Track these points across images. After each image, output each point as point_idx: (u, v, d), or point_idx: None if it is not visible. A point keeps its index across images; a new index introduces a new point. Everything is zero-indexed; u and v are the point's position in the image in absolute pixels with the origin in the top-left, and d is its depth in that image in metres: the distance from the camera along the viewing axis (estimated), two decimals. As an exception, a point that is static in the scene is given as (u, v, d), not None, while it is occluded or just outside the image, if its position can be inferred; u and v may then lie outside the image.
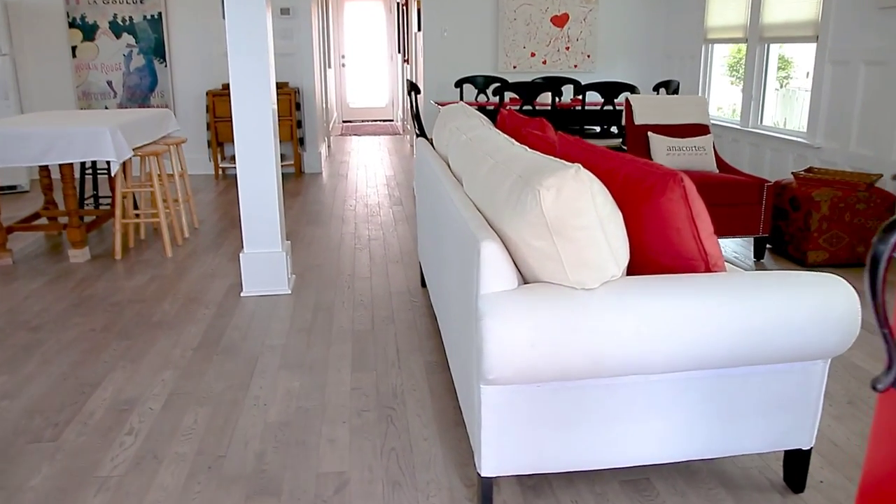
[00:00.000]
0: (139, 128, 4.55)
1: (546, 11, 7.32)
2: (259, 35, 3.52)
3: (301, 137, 7.27)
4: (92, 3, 6.92)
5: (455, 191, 2.32)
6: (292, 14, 7.12)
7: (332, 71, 11.31)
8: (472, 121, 2.91)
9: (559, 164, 1.68)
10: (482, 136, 2.49)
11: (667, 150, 4.49)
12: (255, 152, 3.63)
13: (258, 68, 3.56)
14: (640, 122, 4.64)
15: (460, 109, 3.37)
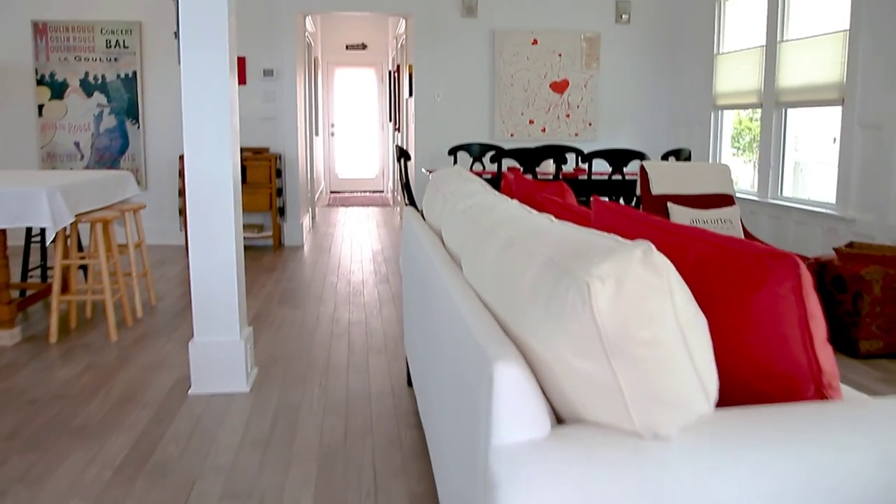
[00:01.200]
0: (87, 191, 3.99)
1: (545, 77, 6.93)
2: (217, 89, 3.00)
3: (281, 207, 6.73)
4: (63, 60, 6.47)
5: (451, 276, 1.72)
6: (276, 76, 6.70)
7: (320, 139, 10.91)
8: (471, 185, 2.35)
9: (613, 240, 1.09)
10: (486, 202, 1.92)
11: (690, 224, 3.95)
12: (210, 221, 3.05)
13: (216, 127, 3.02)
14: (658, 192, 4.12)
15: (455, 173, 2.82)
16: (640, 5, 6.95)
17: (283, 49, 6.66)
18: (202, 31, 2.95)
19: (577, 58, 6.93)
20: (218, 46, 2.98)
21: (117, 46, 6.50)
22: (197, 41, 2.96)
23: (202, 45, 2.96)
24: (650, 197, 4.12)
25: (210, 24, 2.96)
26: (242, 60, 6.64)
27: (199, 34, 2.96)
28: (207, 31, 2.96)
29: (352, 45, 11.63)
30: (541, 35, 6.85)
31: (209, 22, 2.96)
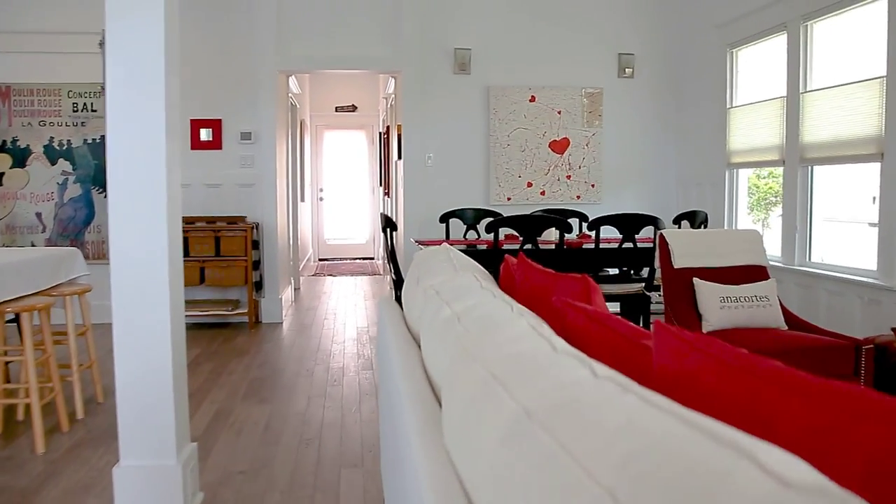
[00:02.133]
0: (17, 273, 3.41)
1: (544, 136, 6.46)
2: (149, 152, 2.46)
3: (257, 281, 6.15)
4: (27, 125, 5.99)
5: (425, 442, 1.12)
6: (255, 139, 6.22)
7: (307, 205, 10.43)
8: (463, 277, 1.78)
9: (754, 470, 0.50)
10: (481, 312, 1.35)
11: (720, 303, 3.37)
12: (139, 316, 2.47)
13: (148, 199, 2.48)
14: (682, 265, 3.55)
15: (443, 255, 2.26)
16: (644, 58, 6.54)
17: (262, 111, 6.20)
18: (131, 86, 2.44)
19: (579, 115, 6.47)
20: (150, 105, 2.46)
21: (84, 109, 6.03)
22: (123, 99, 2.44)
23: (129, 102, 2.44)
24: (672, 271, 3.55)
25: (141, 78, 2.44)
26: (218, 123, 6.18)
27: (126, 89, 2.44)
28: (138, 87, 2.44)
29: (341, 107, 11.27)
30: (539, 91, 6.41)
31: (140, 77, 2.44)
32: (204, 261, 5.93)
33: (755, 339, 3.15)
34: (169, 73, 2.52)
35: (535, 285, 1.78)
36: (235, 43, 6.12)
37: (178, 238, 2.64)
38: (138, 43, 2.44)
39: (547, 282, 1.72)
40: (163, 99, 2.49)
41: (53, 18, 5.95)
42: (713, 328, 3.34)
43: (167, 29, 2.48)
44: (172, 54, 2.56)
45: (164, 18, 2.45)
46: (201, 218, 6.14)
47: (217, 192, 6.24)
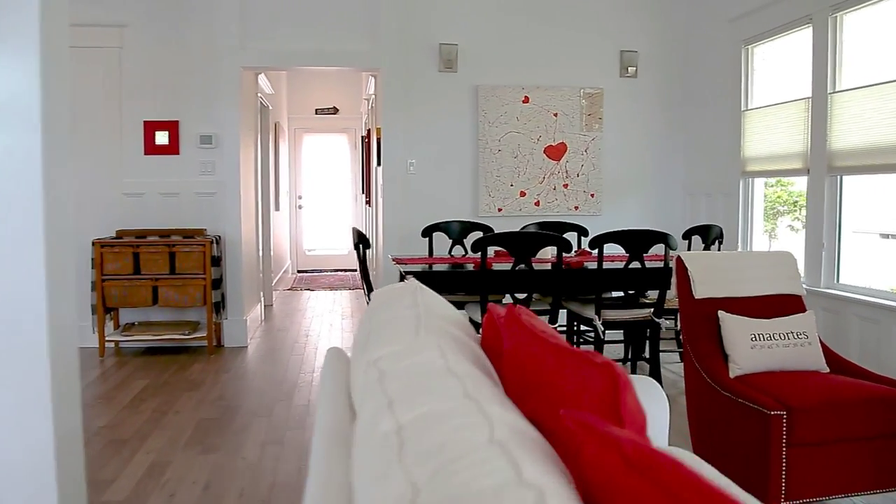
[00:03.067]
0: None
1: (538, 141, 5.87)
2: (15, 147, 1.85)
3: (218, 301, 5.51)
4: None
5: None
6: (216, 143, 5.59)
7: (283, 214, 9.80)
8: (424, 349, 1.18)
9: None
10: (439, 436, 0.74)
11: (751, 341, 2.77)
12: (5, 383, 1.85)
13: (12, 208, 1.87)
14: (704, 296, 2.95)
15: (408, 299, 1.65)
16: (649, 55, 5.96)
17: (224, 112, 5.58)
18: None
19: (577, 118, 5.89)
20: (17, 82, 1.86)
21: (23, 110, 5.38)
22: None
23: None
24: (692, 303, 2.95)
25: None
26: (175, 125, 5.55)
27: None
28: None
29: (322, 109, 10.66)
30: (533, 92, 5.82)
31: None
32: (157, 279, 5.29)
33: (795, 386, 2.55)
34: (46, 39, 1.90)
35: (530, 363, 1.17)
36: (194, 36, 5.50)
37: (65, 266, 2.03)
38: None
39: (548, 362, 1.11)
40: (37, 77, 1.88)
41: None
42: (742, 371, 2.75)
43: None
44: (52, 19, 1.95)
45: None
46: (154, 231, 5.50)
47: (174, 202, 5.61)
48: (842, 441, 2.46)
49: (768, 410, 2.38)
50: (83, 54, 5.42)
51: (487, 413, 0.89)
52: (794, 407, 2.40)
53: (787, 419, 2.37)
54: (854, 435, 2.46)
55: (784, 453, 2.37)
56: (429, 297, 1.75)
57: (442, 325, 1.45)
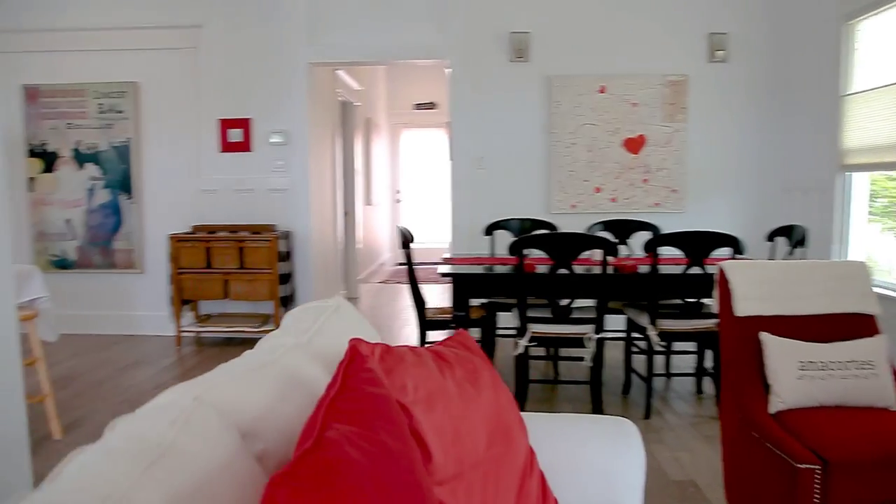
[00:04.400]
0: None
1: (616, 133, 5.47)
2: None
3: (285, 296, 5.55)
4: (54, 128, 5.72)
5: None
6: (287, 140, 5.64)
7: (382, 208, 9.84)
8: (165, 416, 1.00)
9: None
10: None
11: (799, 369, 2.36)
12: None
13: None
14: (746, 313, 2.56)
15: (305, 323, 1.48)
16: (739, 38, 5.39)
17: (294, 109, 5.61)
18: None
19: (658, 108, 5.43)
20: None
21: (111, 111, 5.68)
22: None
23: None
24: (732, 321, 2.57)
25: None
26: (248, 123, 5.65)
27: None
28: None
29: (421, 104, 10.62)
30: (610, 81, 5.43)
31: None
32: (227, 273, 5.42)
33: (846, 430, 2.13)
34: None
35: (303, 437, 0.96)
36: (264, 34, 5.57)
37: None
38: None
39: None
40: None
41: (77, 14, 5.62)
42: (786, 406, 2.35)
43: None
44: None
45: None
46: (225, 227, 5.64)
47: (248, 198, 5.72)
48: None
49: (796, 462, 2.00)
50: (162, 56, 5.63)
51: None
52: (833, 460, 2.00)
53: (820, 475, 1.98)
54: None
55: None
56: (333, 323, 1.57)
57: (297, 362, 1.27)
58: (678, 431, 3.58)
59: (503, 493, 1.39)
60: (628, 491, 1.66)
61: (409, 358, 1.38)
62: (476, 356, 1.59)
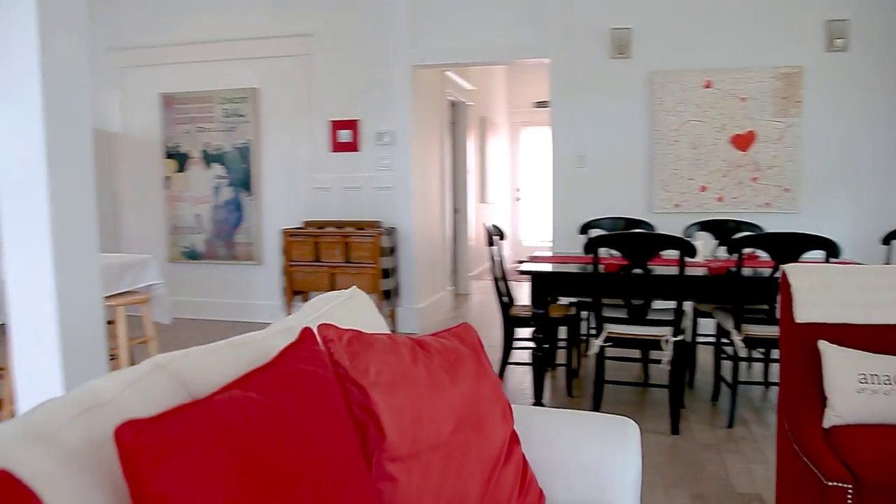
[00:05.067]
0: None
1: (723, 129, 5.23)
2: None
3: (388, 290, 5.76)
4: (186, 132, 6.30)
5: None
6: (391, 140, 5.86)
7: (501, 205, 9.92)
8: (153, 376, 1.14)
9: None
10: None
11: (859, 383, 2.20)
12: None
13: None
14: (808, 320, 2.41)
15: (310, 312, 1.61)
16: (862, 25, 4.97)
17: (398, 110, 5.82)
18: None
19: (769, 102, 5.13)
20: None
21: (234, 115, 6.16)
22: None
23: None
24: (792, 327, 2.42)
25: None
26: (356, 124, 5.93)
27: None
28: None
29: (540, 102, 10.58)
30: (716, 75, 5.19)
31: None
32: (334, 267, 5.72)
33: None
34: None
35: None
36: (370, 40, 5.82)
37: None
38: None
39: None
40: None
41: (204, 29, 6.15)
42: (842, 421, 2.19)
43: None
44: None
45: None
46: (332, 223, 5.96)
47: (356, 195, 6.01)
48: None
49: (826, 479, 1.88)
50: (279, 63, 6.04)
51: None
52: (866, 480, 1.86)
53: (852, 494, 1.85)
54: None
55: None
56: (338, 311, 1.68)
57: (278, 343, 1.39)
58: (759, 443, 3.40)
59: (468, 477, 1.44)
60: (621, 491, 1.64)
61: (381, 345, 1.46)
62: (465, 347, 1.65)
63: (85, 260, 2.32)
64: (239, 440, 0.95)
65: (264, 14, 6.01)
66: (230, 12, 6.09)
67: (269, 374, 1.14)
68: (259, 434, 0.98)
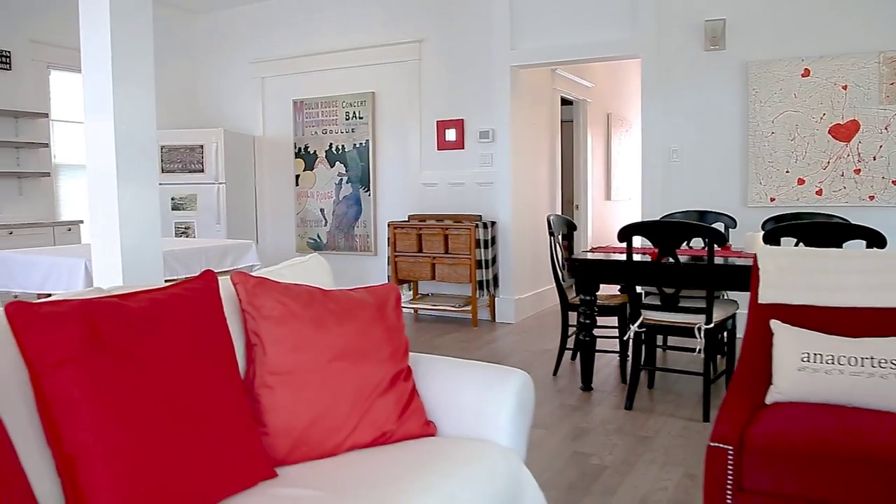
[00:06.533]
0: (174, 259, 4.11)
1: (822, 119, 5.00)
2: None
3: (484, 280, 6.09)
4: (314, 133, 7.07)
5: None
6: (492, 138, 6.20)
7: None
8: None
9: None
10: None
11: (801, 362, 2.23)
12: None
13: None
14: (769, 300, 2.45)
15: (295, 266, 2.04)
16: (975, 2, 4.54)
17: (499, 109, 6.15)
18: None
19: (874, 89, 4.83)
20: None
21: (354, 118, 6.82)
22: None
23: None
24: (756, 308, 2.47)
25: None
26: (460, 123, 6.34)
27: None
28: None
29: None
30: (815, 63, 4.98)
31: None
32: (434, 257, 6.17)
33: (813, 424, 2.01)
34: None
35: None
36: (474, 43, 6.20)
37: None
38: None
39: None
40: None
41: (330, 41, 6.86)
42: (784, 398, 2.23)
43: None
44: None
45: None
46: (434, 216, 6.40)
47: (459, 191, 6.42)
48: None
49: (710, 441, 1.98)
50: (393, 68, 6.61)
51: None
52: (747, 443, 1.94)
53: (733, 456, 1.94)
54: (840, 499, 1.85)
55: (729, 501, 1.94)
56: (289, 271, 2.09)
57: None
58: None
59: (340, 396, 1.79)
60: (495, 428, 1.90)
61: (281, 290, 1.85)
62: (372, 299, 1.99)
63: (150, 247, 2.88)
64: (94, 323, 1.39)
65: (380, 25, 6.60)
66: (351, 25, 6.75)
67: (150, 294, 1.58)
68: (116, 325, 1.42)
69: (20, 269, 3.88)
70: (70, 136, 6.66)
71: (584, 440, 3.35)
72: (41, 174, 6.25)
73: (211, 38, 7.74)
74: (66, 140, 6.62)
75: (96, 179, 2.77)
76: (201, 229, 6.99)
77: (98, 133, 2.77)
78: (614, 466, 3.03)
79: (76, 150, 6.69)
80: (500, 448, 1.87)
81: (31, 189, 6.29)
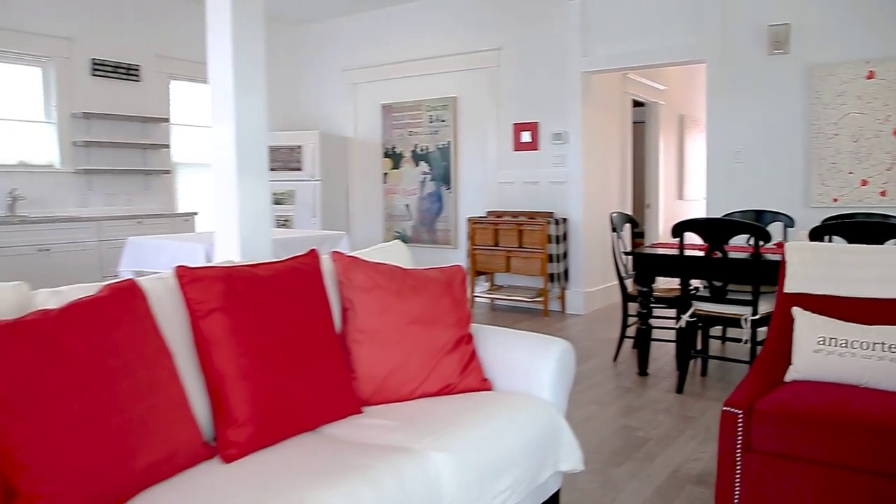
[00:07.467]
0: (278, 245, 4.70)
1: (886, 121, 5.12)
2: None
3: (556, 273, 6.47)
4: (400, 135, 7.62)
5: None
6: (565, 140, 6.58)
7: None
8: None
9: None
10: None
11: (818, 345, 2.54)
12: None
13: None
14: (794, 290, 2.77)
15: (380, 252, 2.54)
16: None
17: (571, 112, 6.51)
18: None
19: (940, 93, 4.93)
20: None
21: (437, 121, 7.32)
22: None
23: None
24: (783, 297, 2.79)
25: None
26: (535, 126, 6.73)
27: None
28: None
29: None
30: (880, 64, 5.11)
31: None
32: (509, 251, 6.60)
33: (823, 399, 2.31)
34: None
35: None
36: (548, 50, 6.59)
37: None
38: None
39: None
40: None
41: (415, 48, 7.39)
42: (801, 377, 2.55)
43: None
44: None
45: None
46: (509, 213, 6.82)
47: (534, 189, 6.82)
48: (823, 465, 2.18)
49: (723, 405, 2.33)
50: (473, 74, 7.07)
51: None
52: (756, 408, 2.28)
53: (743, 419, 2.28)
54: (843, 462, 2.15)
55: (738, 459, 2.29)
56: (375, 253, 2.58)
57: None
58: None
59: (413, 354, 2.26)
60: (538, 385, 2.33)
61: (369, 266, 2.34)
62: (443, 277, 2.46)
63: (262, 234, 3.43)
64: (234, 283, 1.91)
65: (461, 35, 7.08)
66: (435, 35, 7.26)
67: (272, 265, 2.09)
68: (249, 285, 1.94)
69: (151, 251, 4.58)
70: (186, 138, 7.45)
71: (633, 416, 3.71)
72: (163, 171, 7.09)
73: (309, 48, 8.43)
74: (183, 141, 7.42)
75: (220, 176, 3.35)
76: (298, 222, 7.67)
77: (222, 136, 3.34)
78: (657, 439, 3.39)
79: (192, 150, 7.48)
80: (542, 401, 2.29)
81: (155, 184, 7.12)
